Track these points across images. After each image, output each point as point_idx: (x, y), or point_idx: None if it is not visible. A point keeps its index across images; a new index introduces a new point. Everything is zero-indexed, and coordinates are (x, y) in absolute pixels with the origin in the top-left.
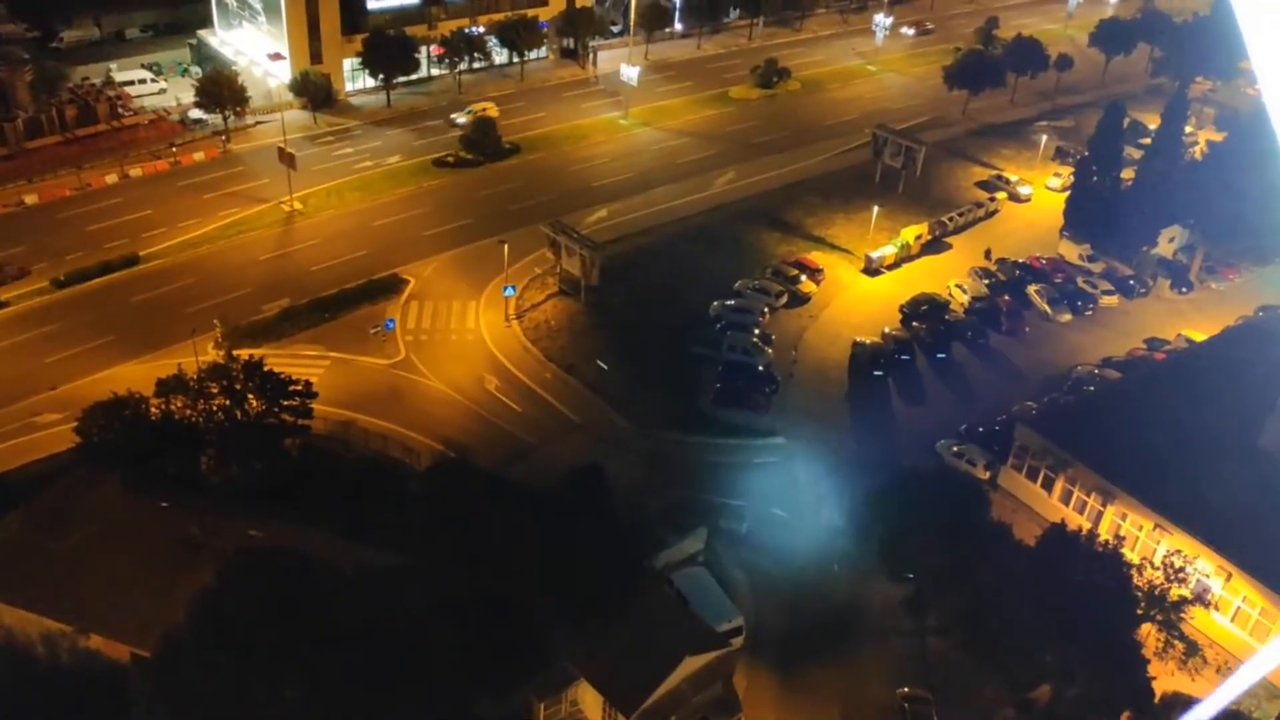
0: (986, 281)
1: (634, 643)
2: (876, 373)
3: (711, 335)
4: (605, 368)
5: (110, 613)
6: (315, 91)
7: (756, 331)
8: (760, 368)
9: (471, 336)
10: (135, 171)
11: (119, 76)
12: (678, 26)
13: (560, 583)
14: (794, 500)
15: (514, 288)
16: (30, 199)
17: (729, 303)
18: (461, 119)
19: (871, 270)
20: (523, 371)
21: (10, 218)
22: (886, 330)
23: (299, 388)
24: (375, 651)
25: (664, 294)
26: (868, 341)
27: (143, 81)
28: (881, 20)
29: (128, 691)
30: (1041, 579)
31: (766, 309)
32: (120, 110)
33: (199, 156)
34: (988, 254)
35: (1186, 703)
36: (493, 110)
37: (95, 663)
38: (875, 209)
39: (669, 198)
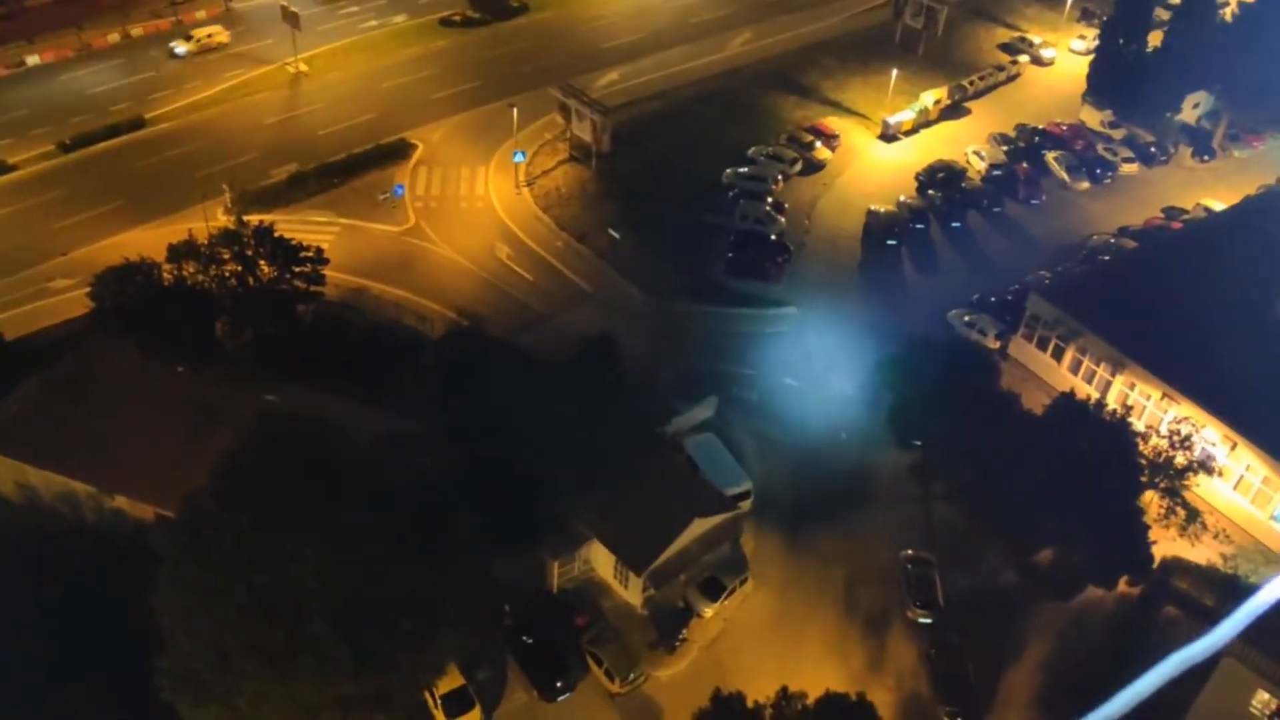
0: (1005, 148)
1: (645, 505)
2: (890, 242)
3: (724, 203)
4: (617, 236)
5: (133, 474)
6: None
7: (769, 199)
8: (773, 236)
9: (481, 204)
10: (136, 31)
11: None
12: None
13: (573, 448)
14: (804, 369)
15: (524, 153)
16: (31, 60)
17: (742, 170)
18: None
19: (888, 136)
20: (534, 240)
21: (12, 79)
22: (902, 199)
23: (310, 254)
24: (392, 513)
25: (676, 161)
26: (882, 210)
27: None
28: None
29: (153, 550)
30: (1047, 447)
31: (780, 176)
32: None
33: (200, 15)
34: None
35: (1184, 568)
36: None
37: (120, 522)
38: (894, 72)
39: (682, 60)
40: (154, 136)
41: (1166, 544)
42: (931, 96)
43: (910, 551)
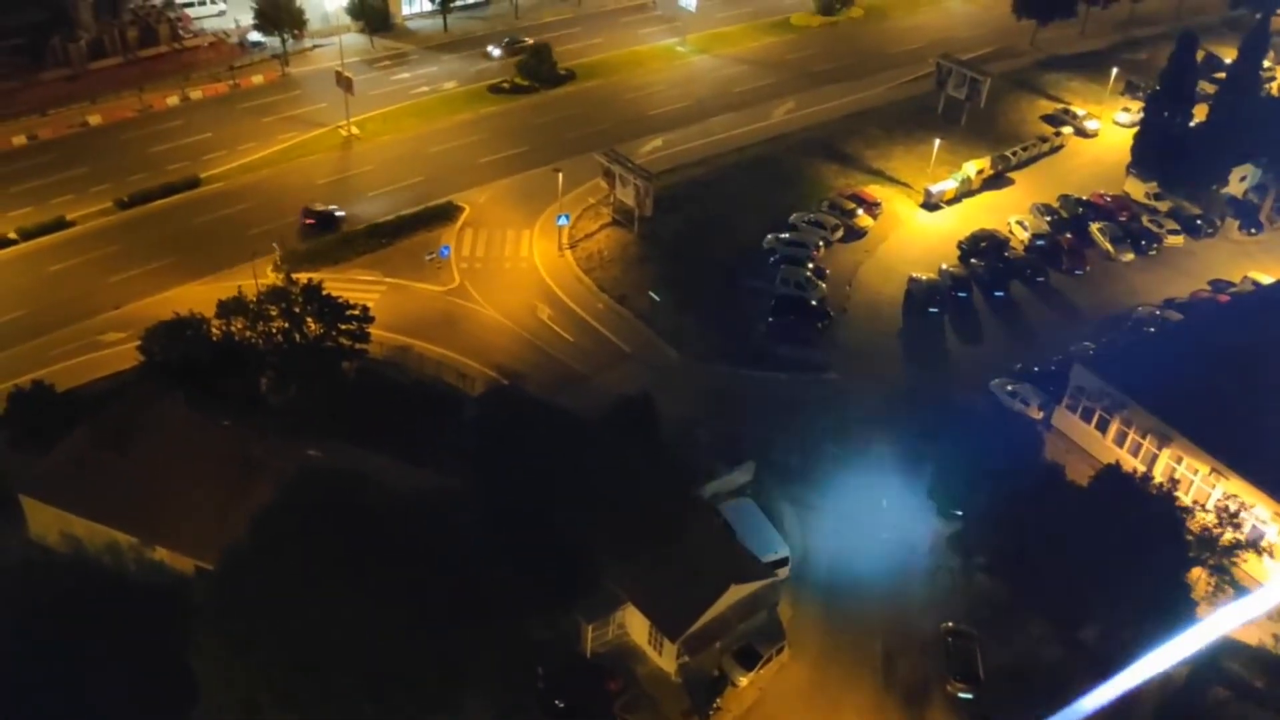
0: (1048, 219)
1: (681, 570)
2: (932, 310)
3: (765, 268)
4: (657, 299)
5: (175, 526)
6: (373, 15)
7: (811, 265)
8: (813, 302)
9: (525, 265)
10: (195, 94)
11: None
12: None
13: (610, 509)
14: (844, 435)
15: (568, 216)
16: (93, 120)
17: (784, 236)
18: (497, 51)
19: (931, 205)
20: (575, 301)
21: (74, 138)
22: (944, 267)
23: (356, 312)
24: (427, 570)
25: (718, 226)
26: (924, 278)
27: (203, 3)
28: None
29: (192, 602)
30: (1092, 520)
31: (821, 243)
32: (181, 32)
33: (258, 79)
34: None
35: (1234, 648)
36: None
37: (160, 574)
38: (937, 142)
39: (726, 127)
40: (208, 195)
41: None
42: (974, 166)
43: (951, 624)
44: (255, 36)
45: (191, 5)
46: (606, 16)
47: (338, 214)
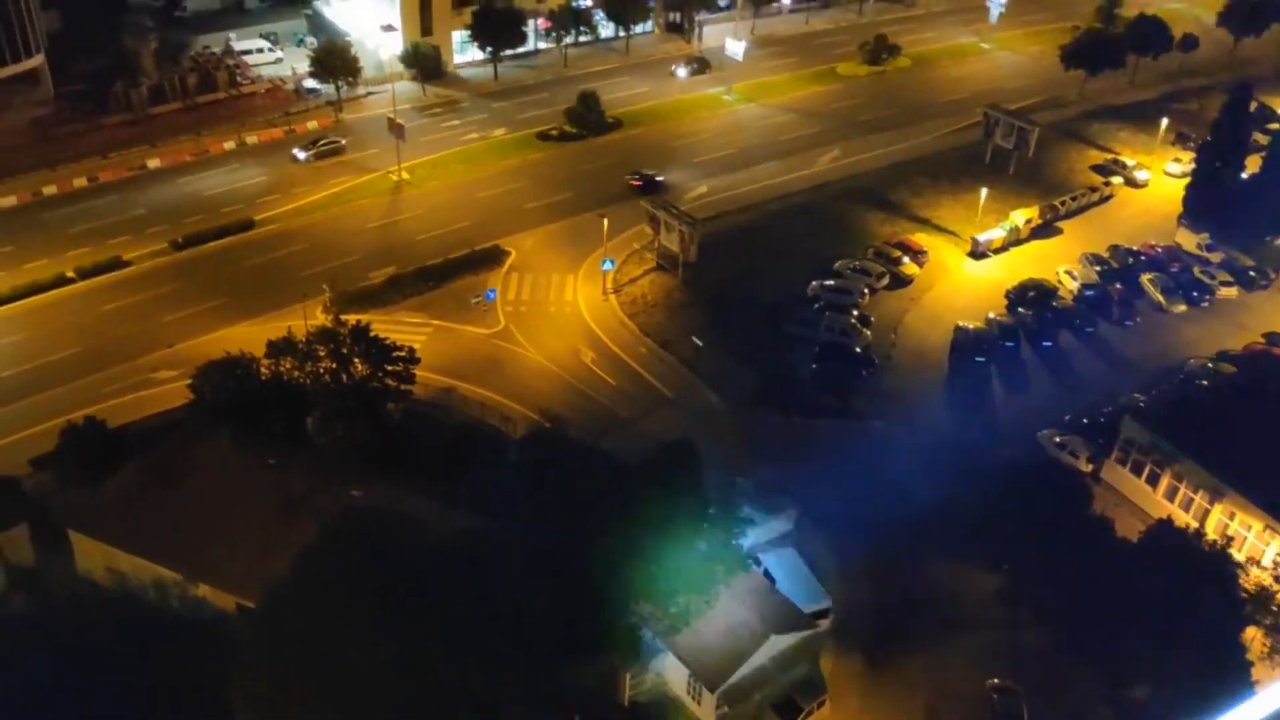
0: (1098, 269)
1: (721, 619)
2: (979, 359)
3: (810, 315)
4: (701, 345)
5: (218, 563)
6: (425, 63)
7: (855, 313)
8: (858, 349)
9: (569, 309)
10: (251, 139)
11: (238, 45)
12: (785, 1)
13: (650, 555)
14: (889, 484)
15: (612, 262)
16: (153, 163)
17: (828, 283)
18: (303, 155)
19: (978, 254)
20: (618, 345)
21: (133, 181)
22: (991, 316)
23: (403, 353)
24: (467, 613)
25: (763, 272)
26: (970, 326)
27: (260, 51)
28: None
29: (232, 639)
30: (1142, 576)
31: (866, 290)
32: (239, 79)
33: (312, 125)
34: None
35: None
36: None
37: (203, 610)
38: (984, 191)
39: (771, 175)
40: (261, 237)
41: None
42: (1022, 215)
43: (996, 681)
44: (311, 84)
45: (250, 53)
46: (654, 65)
47: (659, 179)
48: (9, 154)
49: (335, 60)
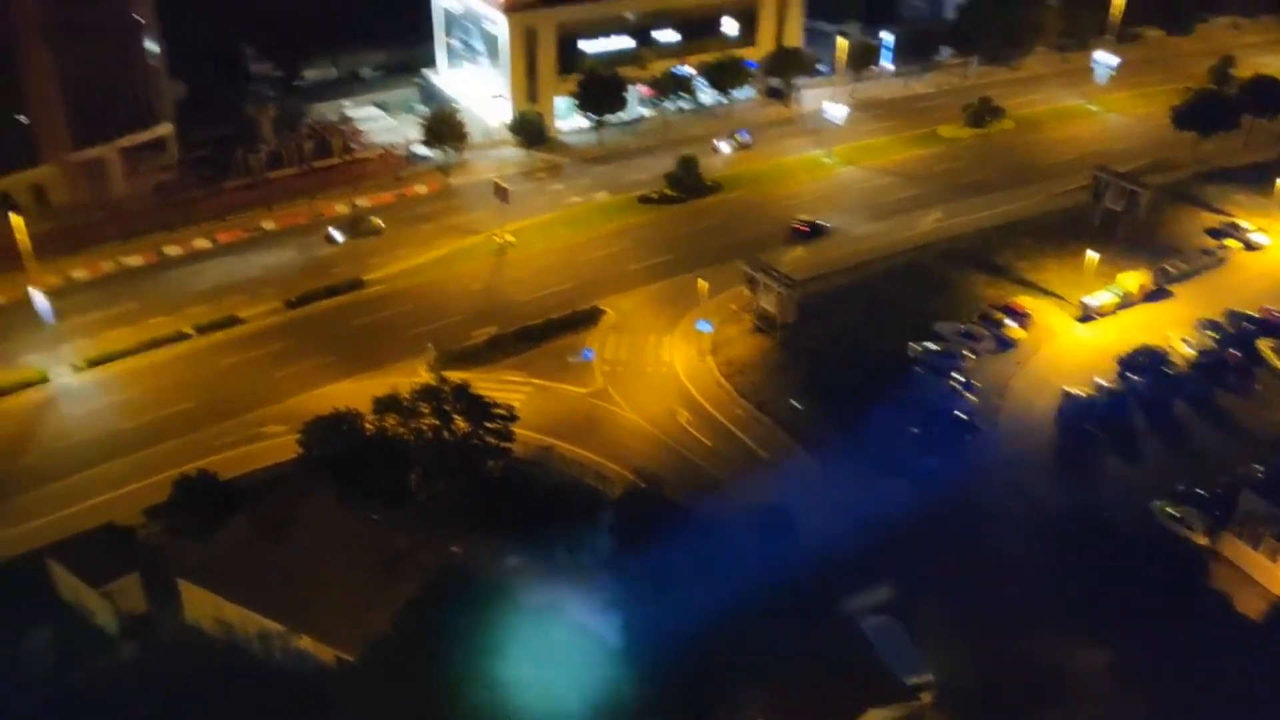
0: (1214, 334)
1: (818, 688)
2: (1088, 427)
3: (912, 378)
4: (799, 407)
5: (321, 616)
6: (530, 129)
7: (959, 376)
8: (961, 414)
9: (666, 370)
10: (363, 202)
11: (352, 113)
12: (886, 66)
13: (747, 620)
14: (993, 554)
15: (709, 323)
16: (269, 225)
17: (931, 345)
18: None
19: (1086, 317)
20: (715, 406)
21: (251, 242)
22: (1100, 382)
23: (502, 412)
24: (560, 673)
25: (862, 334)
26: (1080, 393)
27: (373, 118)
28: (1103, 58)
29: (331, 692)
30: (1265, 656)
31: (970, 353)
32: (352, 145)
33: (421, 189)
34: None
35: None
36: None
37: (305, 663)
38: (1093, 254)
39: (871, 236)
40: (370, 297)
41: None
42: (1133, 279)
43: None
44: (421, 150)
45: (363, 121)
46: (754, 129)
47: (823, 224)
48: (136, 216)
49: (444, 127)
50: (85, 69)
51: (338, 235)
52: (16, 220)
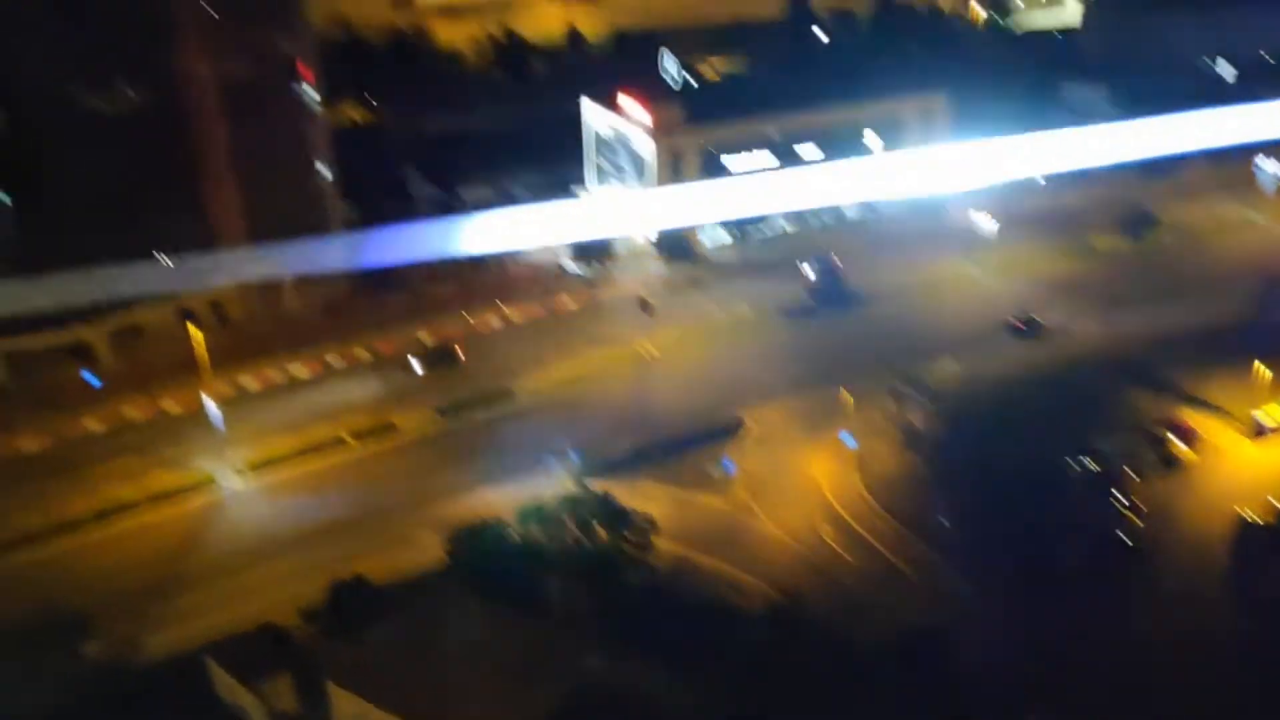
0: None
1: None
2: (1271, 556)
3: (1068, 496)
4: (947, 524)
5: None
6: (676, 245)
7: (1118, 495)
8: (1124, 536)
9: (808, 483)
10: (515, 316)
11: None
12: (1037, 179)
13: None
14: (1166, 697)
15: (854, 437)
16: (424, 336)
17: (1090, 463)
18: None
19: (1258, 433)
20: (859, 521)
21: (405, 353)
22: (1278, 505)
23: (643, 522)
24: None
25: (1015, 449)
26: (1259, 520)
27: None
28: (1268, 165)
29: None
30: None
31: (1133, 472)
32: (505, 260)
33: (569, 302)
34: None
35: None
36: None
37: None
38: (1262, 367)
39: (1023, 349)
40: (517, 406)
41: None
42: None
43: None
44: (569, 264)
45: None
46: (899, 240)
47: (1040, 321)
48: (305, 329)
49: (592, 243)
50: (266, 194)
51: (416, 365)
52: (196, 334)
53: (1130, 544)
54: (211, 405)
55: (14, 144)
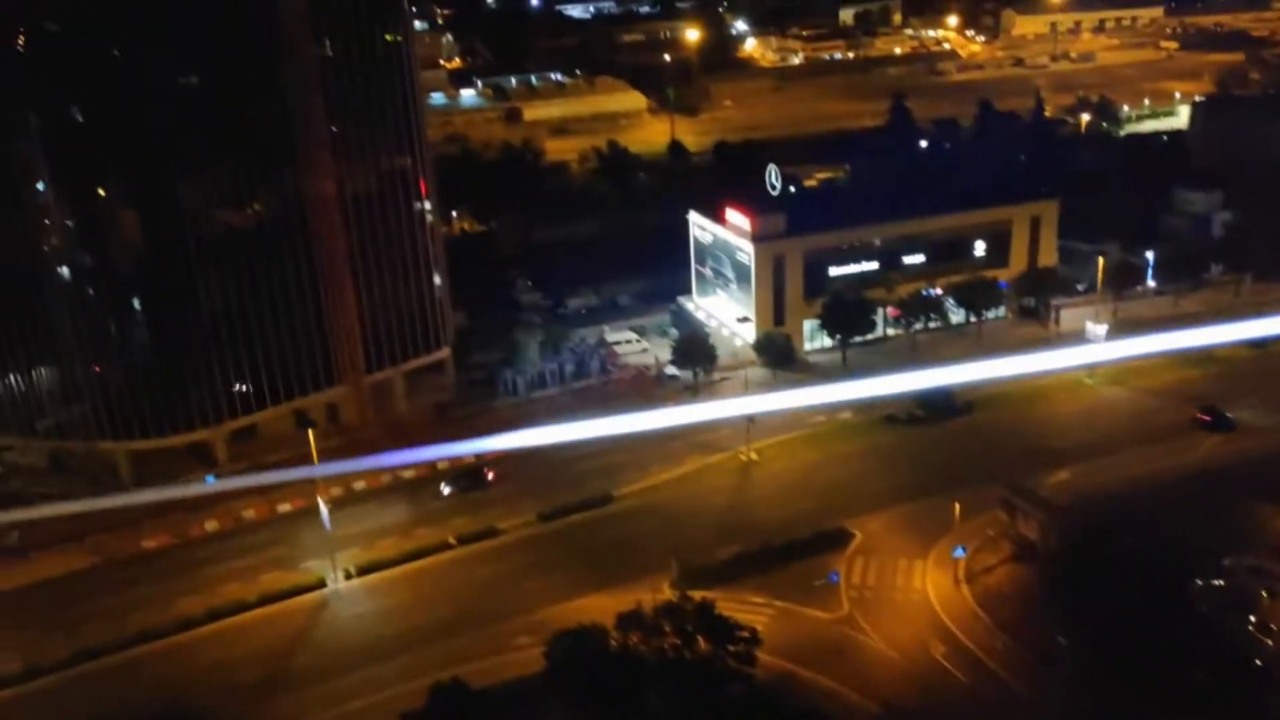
0: None
1: None
2: None
3: (1193, 617)
4: (1064, 644)
5: None
6: (776, 350)
7: (1251, 619)
8: (1258, 663)
9: (917, 597)
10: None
11: (610, 337)
12: (1150, 284)
13: None
14: None
15: (964, 549)
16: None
17: (1215, 582)
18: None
19: None
20: (971, 639)
21: (511, 459)
22: None
23: (744, 634)
24: None
25: (1134, 566)
26: None
27: (629, 342)
28: None
29: None
30: None
31: (1265, 594)
32: (609, 366)
33: (669, 407)
34: None
35: None
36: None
37: None
38: None
39: (1142, 462)
40: (617, 512)
41: None
42: None
43: None
44: (671, 370)
45: (619, 344)
46: (1008, 349)
47: (1229, 416)
48: (415, 432)
49: (694, 349)
50: (383, 302)
51: (445, 489)
52: (310, 435)
53: (1259, 665)
54: (323, 506)
55: (152, 260)
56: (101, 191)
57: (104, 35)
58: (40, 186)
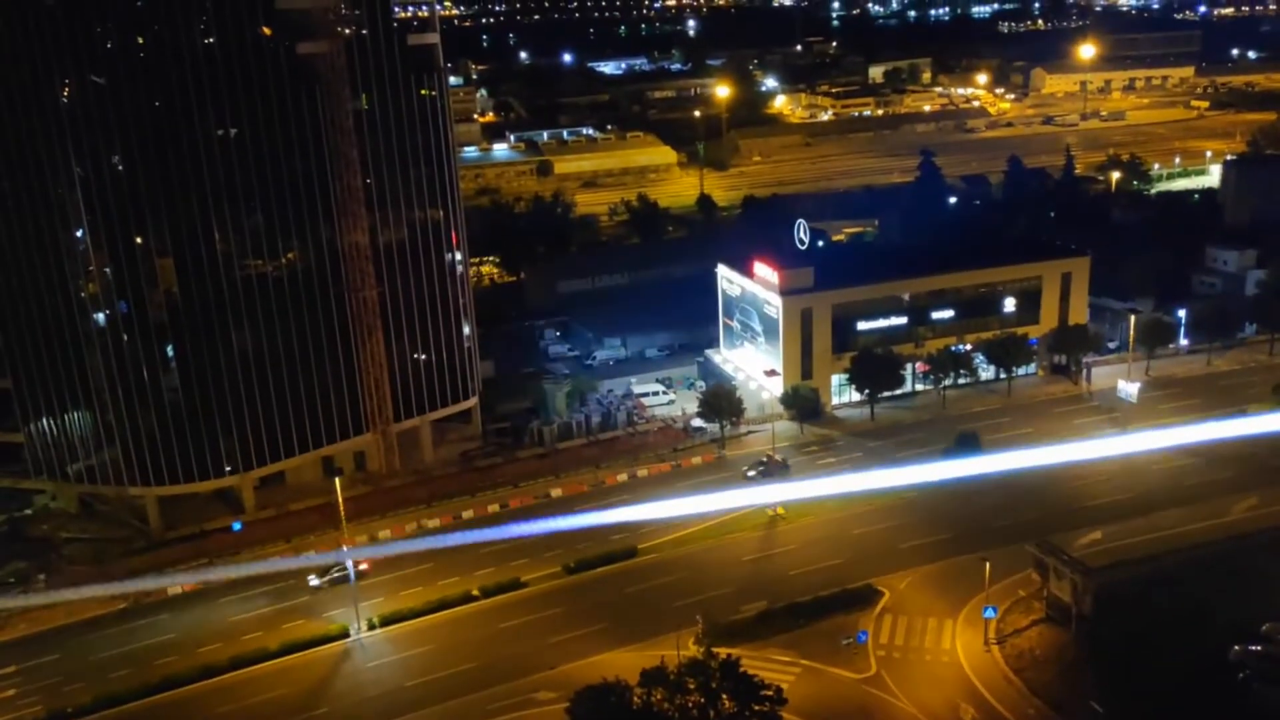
0: None
1: None
2: None
3: (1233, 685)
4: (1100, 710)
5: None
6: (804, 404)
7: None
8: None
9: (946, 658)
10: (642, 472)
11: (636, 389)
12: (1183, 342)
13: None
14: None
15: (995, 609)
16: (555, 492)
17: (1254, 648)
18: (316, 580)
19: None
20: (1003, 703)
21: (537, 508)
22: None
23: (770, 693)
24: None
25: (1170, 630)
26: None
27: (655, 394)
28: None
29: None
30: None
31: None
32: (635, 418)
33: (696, 460)
34: None
35: None
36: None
37: None
38: None
39: (1176, 523)
40: (643, 565)
41: None
42: None
43: None
44: (698, 423)
45: (646, 396)
46: (1038, 406)
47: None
48: (440, 481)
49: (721, 402)
50: (413, 351)
51: (314, 581)
52: (337, 484)
53: None
54: (349, 556)
55: (186, 307)
56: (139, 239)
57: (146, 88)
58: (79, 234)
